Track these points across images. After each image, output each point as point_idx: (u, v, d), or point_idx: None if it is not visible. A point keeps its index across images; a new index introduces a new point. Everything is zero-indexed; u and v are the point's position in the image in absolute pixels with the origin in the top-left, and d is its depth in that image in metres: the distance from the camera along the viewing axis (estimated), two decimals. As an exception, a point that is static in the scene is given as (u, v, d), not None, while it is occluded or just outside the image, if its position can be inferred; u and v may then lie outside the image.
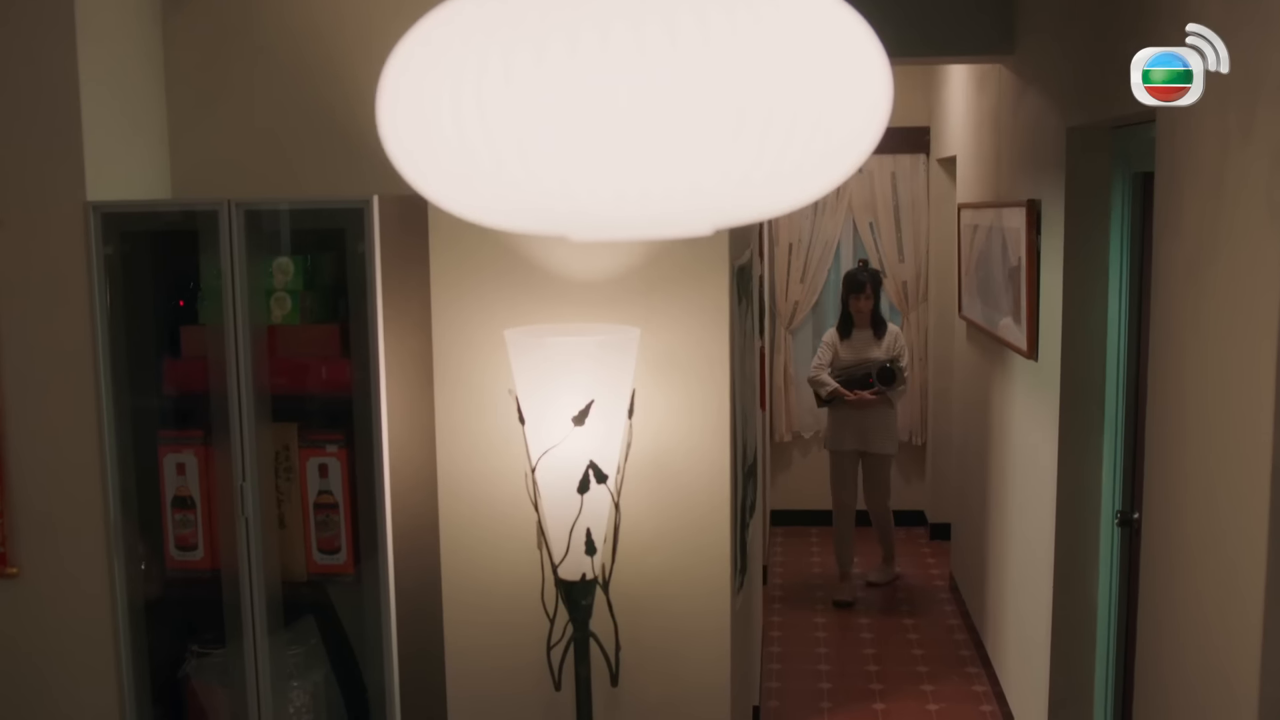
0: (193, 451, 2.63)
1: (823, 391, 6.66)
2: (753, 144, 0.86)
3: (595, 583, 2.61)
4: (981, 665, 5.92)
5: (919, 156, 7.90)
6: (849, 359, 6.63)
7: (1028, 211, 4.69)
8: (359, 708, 2.68)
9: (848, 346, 6.65)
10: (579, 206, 0.88)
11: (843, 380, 6.58)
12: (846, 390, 6.55)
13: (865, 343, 6.62)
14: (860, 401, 6.58)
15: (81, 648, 2.64)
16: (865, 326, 6.64)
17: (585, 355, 2.50)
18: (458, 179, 0.86)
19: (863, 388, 6.58)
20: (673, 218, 0.91)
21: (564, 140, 0.84)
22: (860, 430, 6.65)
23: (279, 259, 2.55)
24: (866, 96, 0.93)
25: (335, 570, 2.62)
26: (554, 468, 2.53)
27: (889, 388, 6.57)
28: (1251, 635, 2.50)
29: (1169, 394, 3.29)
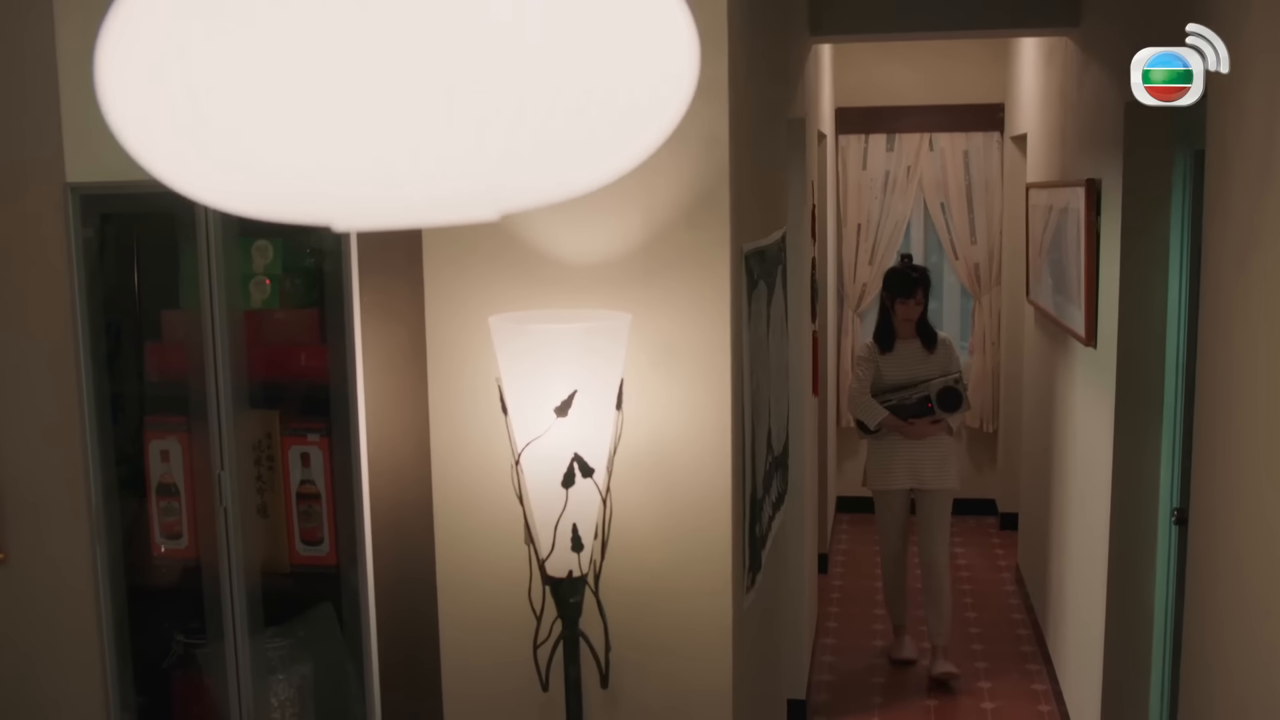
0: (176, 438, 2.58)
1: (871, 422, 5.44)
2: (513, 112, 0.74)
3: (583, 581, 2.50)
4: (1043, 663, 5.72)
5: (992, 134, 7.65)
6: (895, 378, 5.46)
7: (1087, 191, 4.47)
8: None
9: (891, 362, 5.48)
10: (334, 189, 0.77)
11: (892, 406, 5.42)
12: (899, 420, 5.39)
13: (913, 357, 5.48)
14: (917, 430, 5.42)
15: (67, 636, 2.61)
16: (911, 337, 5.48)
17: (571, 343, 2.38)
18: (185, 157, 0.75)
19: (917, 413, 5.42)
20: (447, 200, 0.79)
21: (304, 110, 0.72)
22: (913, 464, 5.50)
23: (258, 242, 2.48)
24: (657, 59, 0.80)
25: (318, 562, 2.55)
26: (538, 460, 2.42)
27: (952, 414, 5.45)
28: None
29: (1216, 386, 3.09)
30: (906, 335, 5.47)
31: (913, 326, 5.45)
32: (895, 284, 5.46)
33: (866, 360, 5.53)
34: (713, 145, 2.56)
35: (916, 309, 5.43)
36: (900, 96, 7.68)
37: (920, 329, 5.47)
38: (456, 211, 0.82)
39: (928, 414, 5.38)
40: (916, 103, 7.68)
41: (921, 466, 5.50)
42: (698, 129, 2.55)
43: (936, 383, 5.39)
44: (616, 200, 2.60)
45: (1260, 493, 2.66)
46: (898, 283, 5.45)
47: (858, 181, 7.82)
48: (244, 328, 2.49)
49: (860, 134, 7.79)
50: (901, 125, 7.74)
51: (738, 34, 2.70)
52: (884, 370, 5.47)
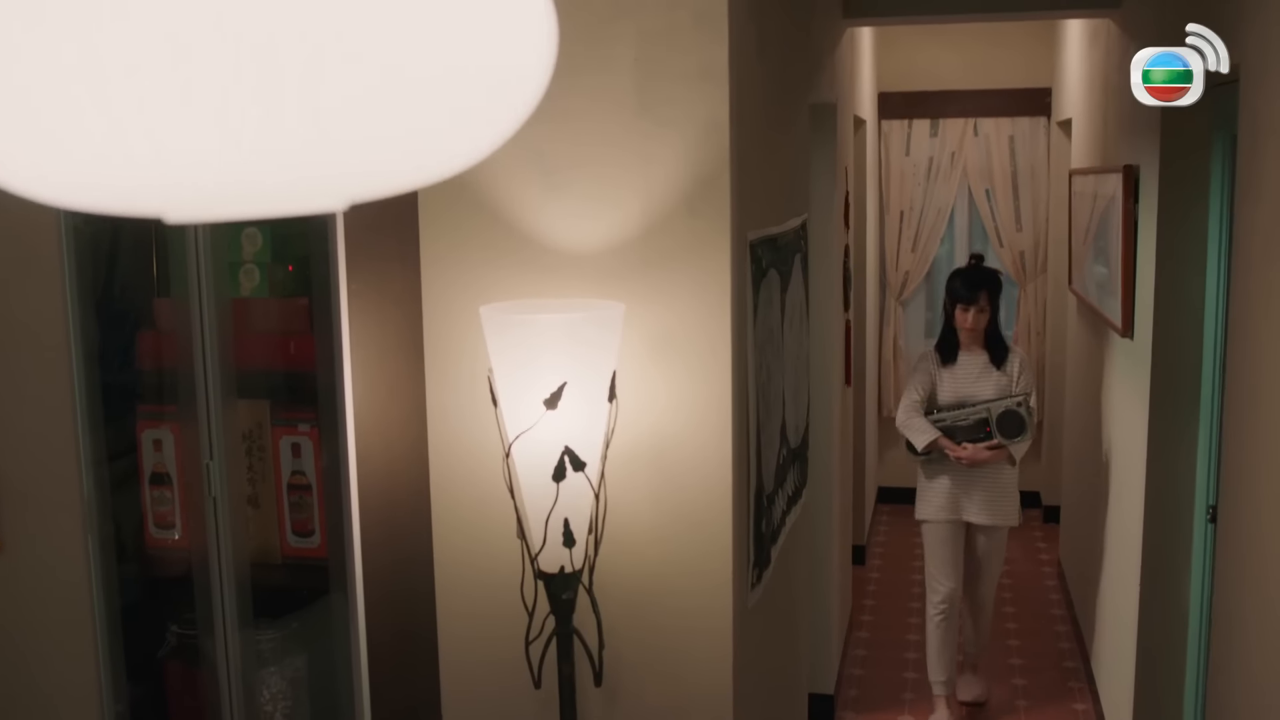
0: (168, 427, 2.55)
1: (919, 443, 4.77)
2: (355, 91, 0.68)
3: (576, 577, 2.45)
4: (1080, 661, 5.60)
5: (1039, 119, 7.49)
6: (953, 395, 4.79)
7: (1124, 177, 4.34)
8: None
9: (951, 377, 4.80)
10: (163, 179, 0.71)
11: (946, 427, 4.75)
12: (952, 443, 4.73)
13: (977, 372, 4.79)
14: (972, 456, 4.71)
15: (61, 626, 2.59)
16: (976, 349, 4.80)
17: (560, 334, 2.32)
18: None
19: (973, 437, 4.74)
20: (286, 190, 0.74)
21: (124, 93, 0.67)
22: (966, 494, 4.82)
23: (247, 229, 2.45)
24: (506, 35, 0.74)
25: (310, 554, 2.51)
26: (529, 453, 2.37)
27: (1013, 440, 4.73)
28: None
29: (1244, 381, 2.97)
30: (971, 346, 4.80)
31: (979, 337, 4.78)
32: (959, 287, 4.78)
33: (923, 373, 4.86)
34: (713, 130, 2.48)
35: (980, 317, 4.74)
36: (944, 81, 7.54)
37: (989, 340, 4.80)
38: (298, 202, 0.76)
39: (985, 438, 4.72)
40: (961, 87, 7.53)
41: (976, 498, 4.83)
42: (697, 113, 2.48)
43: (999, 404, 4.73)
44: (615, 188, 2.54)
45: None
46: (962, 286, 4.77)
47: (900, 168, 7.68)
48: (233, 316, 2.46)
49: (903, 119, 7.65)
50: (945, 110, 7.59)
51: (742, 16, 2.62)
52: (942, 384, 4.82)
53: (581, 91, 2.53)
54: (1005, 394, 4.75)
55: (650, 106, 2.50)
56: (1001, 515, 4.85)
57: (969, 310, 4.72)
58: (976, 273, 4.85)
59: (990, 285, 4.77)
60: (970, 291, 4.72)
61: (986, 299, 4.73)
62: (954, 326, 4.79)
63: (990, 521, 4.84)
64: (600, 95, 2.52)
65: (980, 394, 4.75)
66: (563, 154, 2.56)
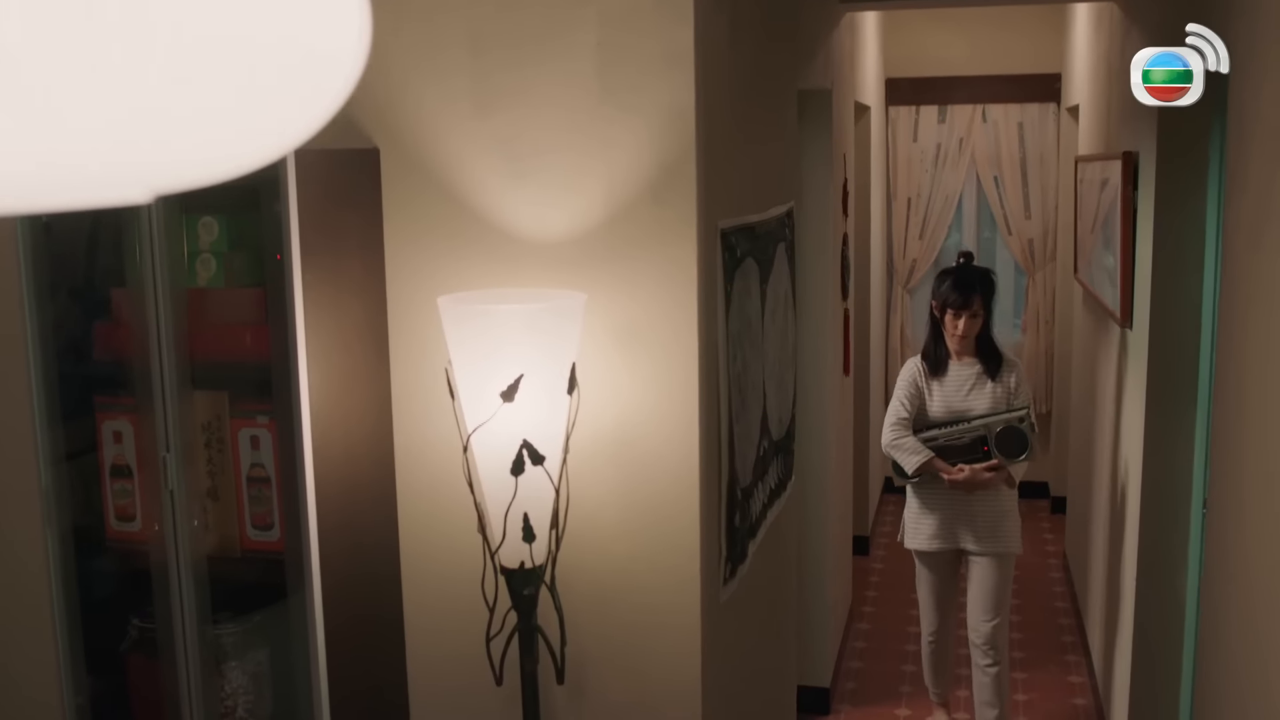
0: (128, 419, 2.52)
1: (909, 465, 4.25)
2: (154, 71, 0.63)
3: (538, 572, 2.40)
4: (1082, 654, 5.53)
5: (1048, 106, 7.39)
6: (944, 409, 4.29)
7: (1123, 164, 4.26)
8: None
9: (942, 390, 4.30)
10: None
11: (938, 446, 4.25)
12: (946, 464, 4.23)
13: (970, 384, 4.30)
14: (968, 479, 4.21)
15: (20, 618, 2.57)
16: (969, 358, 4.31)
17: (518, 324, 2.28)
18: None
19: (969, 457, 4.24)
20: (81, 180, 0.69)
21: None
22: (962, 520, 4.32)
23: (204, 218, 2.41)
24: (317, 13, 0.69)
25: (269, 547, 2.48)
26: (487, 446, 2.32)
27: (1014, 460, 4.25)
28: None
29: (1232, 371, 2.91)
30: (962, 356, 4.31)
31: (970, 345, 4.29)
32: (950, 290, 4.26)
33: (910, 385, 4.33)
34: (677, 116, 2.43)
35: (974, 324, 4.24)
36: (952, 66, 7.44)
37: (981, 348, 4.31)
38: (95, 193, 0.71)
39: (983, 458, 4.23)
40: (969, 73, 7.43)
41: (973, 523, 4.32)
42: (661, 99, 2.43)
43: (998, 420, 4.24)
44: (580, 176, 2.49)
45: (1271, 483, 2.49)
46: (953, 288, 4.25)
47: (908, 154, 7.60)
48: (190, 307, 2.42)
49: (910, 105, 7.56)
50: (953, 96, 7.50)
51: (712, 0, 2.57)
52: (931, 398, 4.31)
53: (544, 77, 2.48)
54: (1002, 408, 4.27)
55: (613, 92, 2.45)
56: (1002, 541, 4.34)
57: (960, 316, 4.23)
58: (968, 274, 4.32)
59: (983, 288, 4.28)
60: (962, 295, 4.22)
61: (980, 303, 4.24)
62: (942, 334, 4.32)
63: (990, 549, 4.33)
64: (563, 81, 2.47)
65: (974, 408, 4.28)
66: (526, 141, 2.51)
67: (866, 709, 5.14)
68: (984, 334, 4.32)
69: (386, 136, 2.59)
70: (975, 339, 4.29)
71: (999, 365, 4.33)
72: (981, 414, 4.26)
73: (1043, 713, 5.05)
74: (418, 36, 2.54)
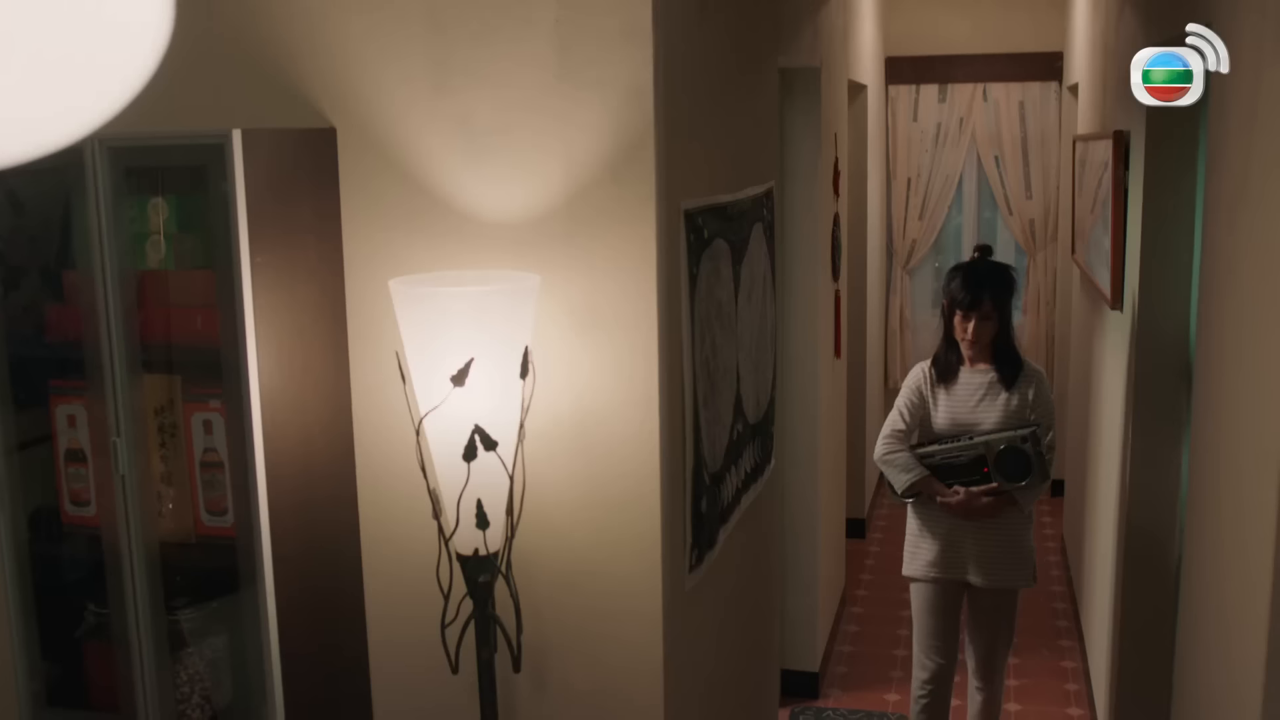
0: (82, 403, 2.48)
1: (899, 484, 3.85)
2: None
3: (493, 559, 2.37)
4: (1076, 639, 5.48)
5: (1050, 84, 7.30)
6: (949, 422, 3.83)
7: (1114, 143, 4.19)
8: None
9: (949, 399, 3.84)
10: None
11: (935, 464, 3.79)
12: (941, 485, 3.79)
13: (980, 394, 3.82)
14: (966, 506, 3.78)
15: (-24, 603, 2.55)
16: (983, 364, 3.83)
17: (469, 307, 2.23)
18: None
19: (968, 479, 3.78)
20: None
21: None
22: (966, 548, 3.86)
23: (153, 200, 2.37)
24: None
25: (224, 533, 2.44)
26: (439, 431, 2.28)
27: (1013, 484, 3.76)
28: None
29: (1212, 355, 2.85)
30: (976, 362, 3.84)
31: (985, 350, 3.82)
32: (960, 289, 3.78)
33: (912, 391, 3.90)
34: (635, 95, 2.37)
35: (984, 327, 3.77)
36: (953, 45, 7.36)
37: (998, 354, 3.83)
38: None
39: (983, 480, 3.76)
40: (970, 51, 7.35)
41: (978, 552, 3.85)
42: (619, 76, 2.38)
43: (999, 437, 3.74)
44: (537, 156, 2.44)
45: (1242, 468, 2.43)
46: (957, 287, 3.80)
47: (908, 134, 7.52)
48: (141, 289, 2.39)
49: (910, 84, 7.48)
50: (954, 75, 7.42)
51: (673, -26, 2.51)
52: (937, 408, 3.86)
53: (501, 55, 2.43)
54: (1014, 423, 3.77)
55: (571, 69, 2.40)
56: (1008, 575, 3.87)
57: (970, 318, 3.76)
58: (979, 271, 3.83)
59: (996, 287, 3.78)
60: (970, 295, 3.75)
61: (992, 305, 3.76)
62: (954, 339, 3.87)
63: (994, 583, 3.86)
64: (521, 58, 2.42)
65: (983, 422, 3.79)
66: (484, 120, 2.46)
67: (856, 693, 5.10)
68: (1002, 338, 3.83)
69: (343, 116, 2.54)
70: (992, 344, 3.81)
71: (1016, 374, 3.82)
72: (990, 429, 3.77)
73: (1035, 698, 5.01)
74: (376, 14, 2.49)
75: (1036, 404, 3.82)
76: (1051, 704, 4.96)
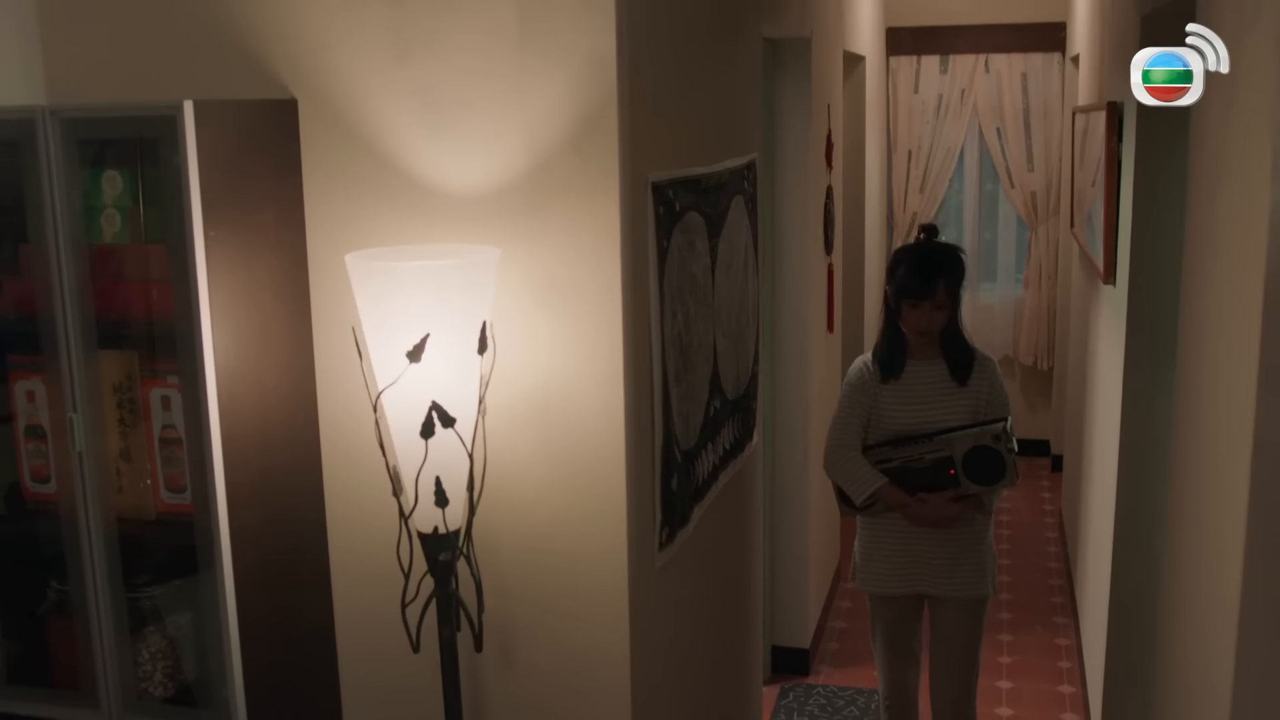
0: (40, 379, 2.46)
1: (857, 494, 3.50)
2: None
3: (453, 538, 2.33)
4: (1070, 616, 5.45)
5: (1053, 55, 7.22)
6: (901, 422, 3.51)
7: (1107, 115, 4.12)
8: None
9: (898, 396, 3.52)
10: None
11: (894, 469, 3.46)
12: (903, 493, 3.46)
13: (932, 389, 3.51)
14: (929, 513, 3.47)
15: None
16: (931, 357, 3.52)
17: (424, 281, 2.19)
18: None
19: (931, 482, 3.45)
20: None
21: None
22: (924, 557, 3.56)
23: (108, 172, 2.33)
24: None
25: (183, 509, 2.41)
26: (397, 408, 2.25)
27: (988, 487, 3.46)
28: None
29: (1194, 330, 2.80)
30: (924, 355, 3.52)
31: (933, 341, 3.52)
32: (901, 275, 3.46)
33: (855, 390, 3.55)
34: (596, 64, 2.33)
35: (936, 316, 3.44)
36: (954, 15, 7.27)
37: (946, 345, 3.52)
38: None
39: (949, 484, 3.45)
40: (972, 22, 7.26)
41: (933, 561, 3.55)
42: (580, 45, 2.33)
43: (964, 435, 3.43)
44: (499, 128, 2.40)
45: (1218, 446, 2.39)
46: (906, 273, 3.45)
47: (908, 106, 7.45)
48: (97, 263, 2.35)
49: (911, 55, 7.40)
50: (956, 46, 7.33)
51: (638, -59, 2.45)
52: (885, 409, 3.52)
53: (462, 25, 2.38)
54: (974, 419, 3.47)
55: (532, 39, 2.35)
56: (968, 582, 3.56)
57: (921, 307, 3.43)
58: (929, 254, 3.49)
59: (948, 272, 3.45)
60: (922, 282, 3.42)
61: (945, 292, 3.43)
62: (898, 330, 3.53)
63: (954, 592, 3.57)
64: (482, 28, 2.37)
65: (937, 419, 3.48)
66: (445, 91, 2.42)
67: (847, 670, 5.08)
68: (950, 327, 3.51)
69: (304, 87, 2.50)
70: (940, 334, 3.51)
71: (970, 365, 3.52)
72: (950, 427, 3.46)
73: (1027, 675, 4.98)
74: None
75: (990, 397, 3.52)
76: (1044, 681, 4.93)
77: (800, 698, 4.81)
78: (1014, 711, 4.71)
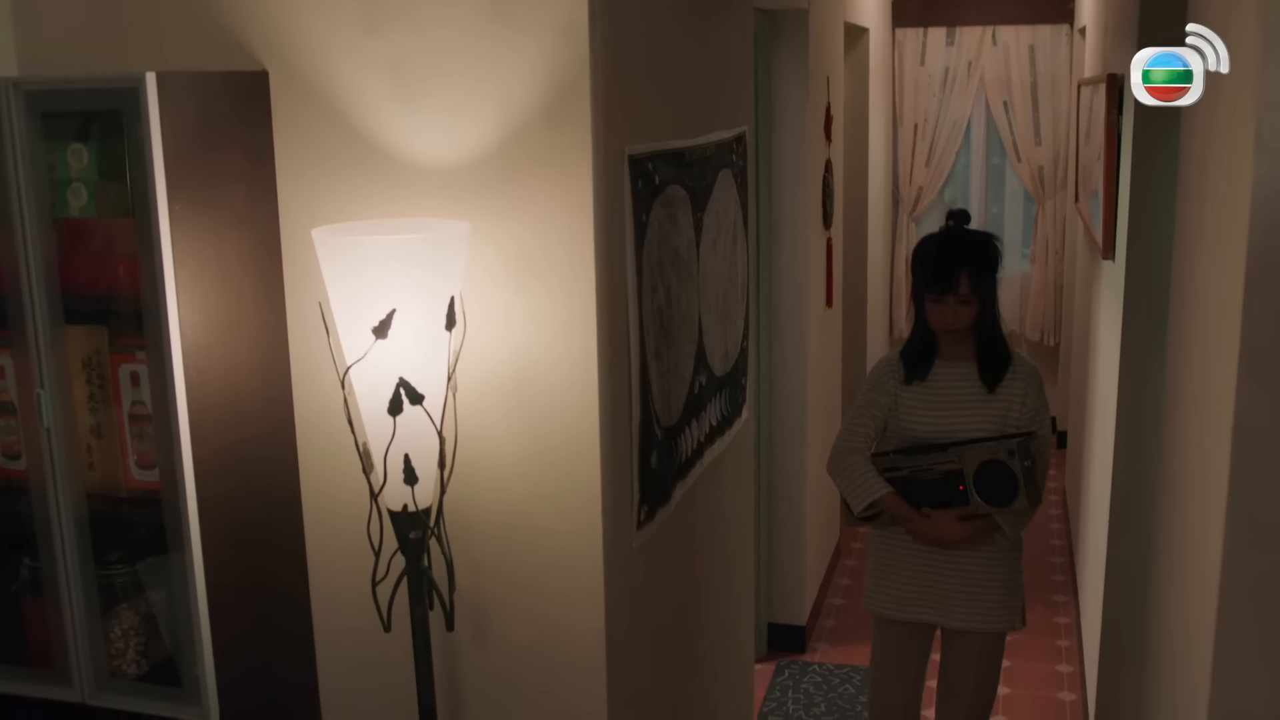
0: (9, 354, 2.43)
1: (856, 503, 3.21)
2: None
3: (423, 515, 2.31)
4: (1071, 594, 5.41)
5: (1061, 27, 7.13)
6: (918, 426, 3.21)
7: (1108, 87, 4.06)
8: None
9: (921, 400, 3.21)
10: None
11: (902, 478, 3.17)
12: (909, 506, 3.16)
13: (959, 393, 3.19)
14: (931, 531, 3.16)
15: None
16: (963, 357, 3.21)
17: (394, 255, 2.16)
18: None
19: (940, 498, 3.15)
20: None
21: None
22: (936, 583, 3.25)
23: (73, 145, 2.30)
24: None
25: (153, 486, 2.39)
26: (365, 384, 2.22)
27: (996, 507, 3.13)
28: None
29: (1184, 309, 2.75)
30: (955, 357, 3.19)
31: (965, 340, 3.18)
32: (931, 263, 3.13)
33: (877, 389, 3.25)
34: (568, 32, 2.28)
35: (963, 313, 3.11)
36: (961, -14, 7.18)
37: (983, 345, 3.18)
38: None
39: (959, 501, 3.13)
40: (979, -8, 7.18)
41: (956, 590, 3.21)
42: (552, 15, 2.28)
43: (977, 449, 3.08)
44: (471, 100, 2.36)
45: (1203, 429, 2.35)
46: (936, 261, 3.12)
47: (915, 78, 7.37)
48: (64, 237, 2.32)
49: (917, 27, 7.31)
50: (962, 18, 7.24)
51: (613, -92, 2.41)
52: (905, 412, 3.22)
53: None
54: (1000, 431, 3.13)
55: (503, 9, 2.31)
56: (986, 615, 3.21)
57: (943, 301, 3.11)
58: (953, 242, 3.16)
59: (975, 263, 3.10)
60: (943, 273, 3.09)
61: (969, 284, 3.08)
62: (928, 326, 3.20)
63: (973, 625, 3.22)
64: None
65: (958, 429, 3.15)
66: (416, 63, 2.38)
67: (844, 647, 5.06)
68: (985, 326, 3.17)
69: (275, 59, 2.46)
70: (974, 333, 3.18)
71: (1003, 370, 3.16)
72: (971, 438, 3.13)
73: (1025, 653, 4.95)
74: (307, -48, 2.41)
75: (1026, 405, 3.17)
76: (1041, 660, 4.89)
77: (796, 675, 4.79)
78: (1011, 690, 4.68)
